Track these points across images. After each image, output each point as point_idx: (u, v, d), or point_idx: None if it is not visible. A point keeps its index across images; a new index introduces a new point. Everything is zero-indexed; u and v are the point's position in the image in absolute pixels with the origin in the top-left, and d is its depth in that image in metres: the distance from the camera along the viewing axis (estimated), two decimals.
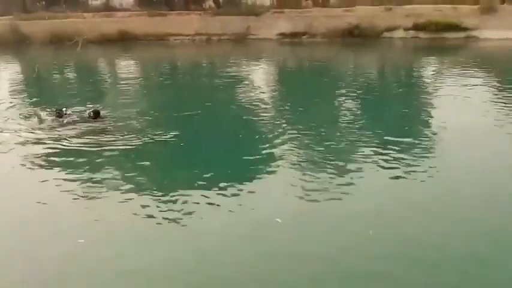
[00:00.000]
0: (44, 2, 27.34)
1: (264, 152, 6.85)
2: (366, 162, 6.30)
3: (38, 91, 12.14)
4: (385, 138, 7.22)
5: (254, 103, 9.77)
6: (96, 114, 8.09)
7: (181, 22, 21.86)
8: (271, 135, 7.56)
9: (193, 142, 7.46)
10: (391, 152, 6.61)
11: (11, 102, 10.26)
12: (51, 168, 6.38)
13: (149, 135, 7.44)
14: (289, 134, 7.59)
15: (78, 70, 16.62)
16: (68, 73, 16.06)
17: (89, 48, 20.09)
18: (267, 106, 9.64)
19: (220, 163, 6.50)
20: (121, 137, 7.34)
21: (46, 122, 8.17)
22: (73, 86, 13.17)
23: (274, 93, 11.26)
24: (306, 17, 21.71)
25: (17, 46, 20.47)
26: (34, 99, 10.77)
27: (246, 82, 12.37)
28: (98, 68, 17.61)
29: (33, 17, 22.80)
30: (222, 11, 23.21)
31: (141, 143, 7.16)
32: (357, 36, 20.02)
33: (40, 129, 7.86)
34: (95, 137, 7.36)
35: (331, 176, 5.89)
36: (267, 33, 21.38)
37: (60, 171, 6.25)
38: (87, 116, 8.14)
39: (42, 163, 6.55)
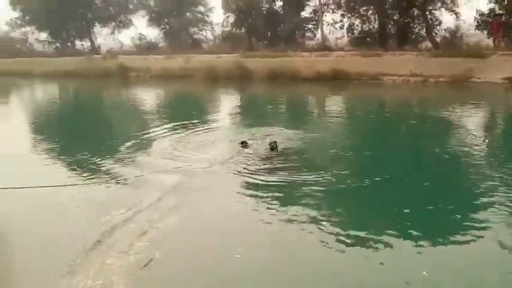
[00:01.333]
0: (266, 42, 30.22)
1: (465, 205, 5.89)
2: None
3: (246, 120, 12.92)
4: None
5: (461, 151, 8.37)
6: (274, 146, 8.24)
7: (395, 62, 21.24)
8: (475, 190, 6.47)
9: (382, 185, 6.69)
10: None
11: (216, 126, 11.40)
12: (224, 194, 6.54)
13: (326, 173, 7.01)
14: (499, 188, 6.30)
15: (287, 104, 17.49)
16: (278, 105, 16.96)
17: (303, 84, 21.24)
18: (476, 156, 8.10)
19: (410, 213, 5.66)
20: (294, 172, 7.10)
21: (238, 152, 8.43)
22: (276, 117, 13.62)
23: (487, 143, 9.42)
24: None
25: (240, 80, 22.65)
26: (240, 126, 11.67)
27: (458, 128, 10.87)
28: (306, 103, 18.14)
29: (256, 55, 25.12)
30: (441, 52, 21.93)
31: (314, 179, 6.76)
32: None
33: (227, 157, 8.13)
34: (272, 169, 7.32)
35: None
36: (491, 76, 19.26)
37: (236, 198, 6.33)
38: (268, 147, 8.31)
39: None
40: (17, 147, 10.01)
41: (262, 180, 6.86)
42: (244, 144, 8.64)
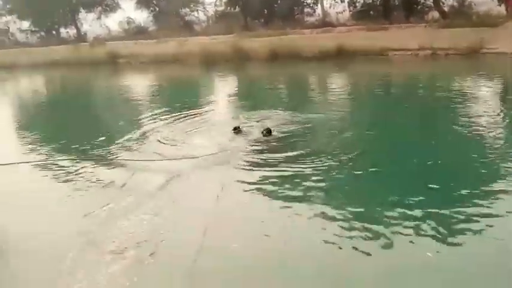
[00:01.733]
0: (262, 20, 28.77)
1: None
2: None
3: (243, 104, 12.09)
4: None
5: (473, 127, 7.60)
6: (266, 134, 7.67)
7: (402, 36, 19.99)
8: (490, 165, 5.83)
9: (390, 166, 6.12)
10: None
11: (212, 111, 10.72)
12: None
13: (328, 158, 6.34)
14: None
15: (288, 85, 16.30)
16: (278, 87, 15.78)
17: (305, 63, 19.94)
18: (489, 132, 7.34)
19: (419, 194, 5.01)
20: (292, 156, 6.50)
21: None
22: (276, 99, 12.48)
23: (500, 117, 8.46)
24: None
25: (238, 62, 21.37)
26: (236, 110, 10.97)
27: (470, 102, 9.96)
28: (308, 83, 16.89)
29: (253, 35, 23.80)
30: (450, 22, 20.68)
31: (312, 166, 6.08)
32: None
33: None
34: (266, 155, 6.70)
35: None
36: (505, 46, 18.09)
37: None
38: (261, 133, 7.70)
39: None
40: None
41: (253, 170, 6.13)
42: (237, 130, 8.03)
